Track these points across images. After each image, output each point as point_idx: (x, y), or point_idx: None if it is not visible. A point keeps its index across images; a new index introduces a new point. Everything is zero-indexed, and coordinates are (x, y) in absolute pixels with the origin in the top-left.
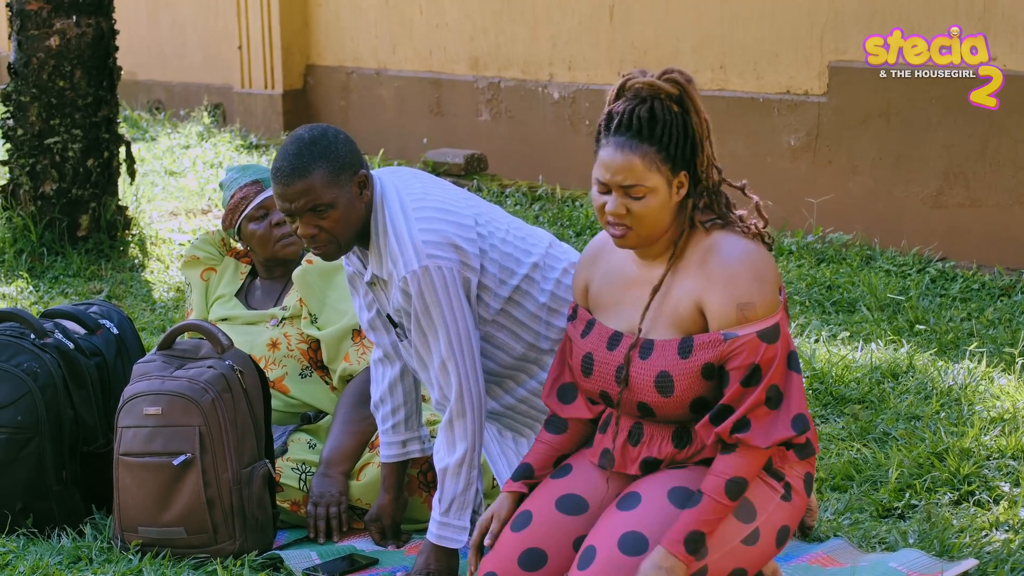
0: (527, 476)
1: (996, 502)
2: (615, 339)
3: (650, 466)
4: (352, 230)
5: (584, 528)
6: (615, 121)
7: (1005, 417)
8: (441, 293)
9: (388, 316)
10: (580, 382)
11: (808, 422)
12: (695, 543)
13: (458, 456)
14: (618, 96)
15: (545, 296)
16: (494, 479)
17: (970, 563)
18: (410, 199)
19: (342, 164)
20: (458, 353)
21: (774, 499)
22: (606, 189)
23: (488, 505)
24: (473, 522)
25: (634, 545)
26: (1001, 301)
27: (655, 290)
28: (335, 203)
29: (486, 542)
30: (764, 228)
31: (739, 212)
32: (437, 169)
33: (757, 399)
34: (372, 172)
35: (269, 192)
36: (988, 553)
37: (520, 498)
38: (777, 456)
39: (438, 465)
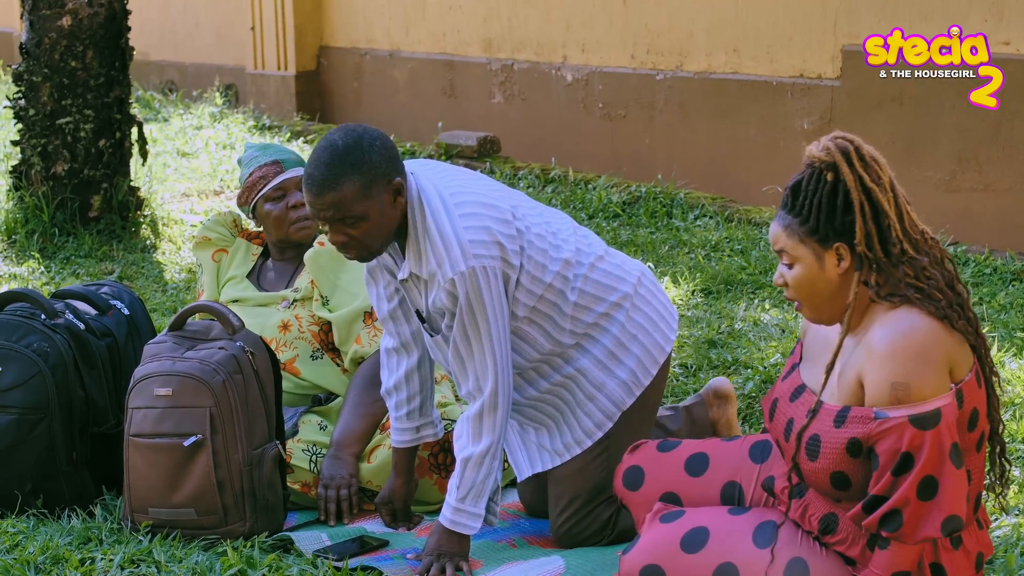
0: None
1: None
2: (799, 391)
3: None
4: (384, 237)
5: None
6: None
7: (1016, 402)
8: (486, 293)
9: (418, 312)
10: (768, 426)
11: (959, 523)
12: None
13: (483, 447)
14: None
15: (575, 295)
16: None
17: None
18: (449, 193)
19: (375, 175)
20: (498, 351)
21: None
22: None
23: (503, 493)
24: (488, 509)
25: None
26: (1013, 286)
27: (830, 363)
28: (366, 215)
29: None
30: (954, 307)
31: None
32: (450, 151)
33: (908, 490)
34: (406, 168)
35: (289, 174)
36: (998, 538)
37: None
38: (930, 548)
39: (460, 454)
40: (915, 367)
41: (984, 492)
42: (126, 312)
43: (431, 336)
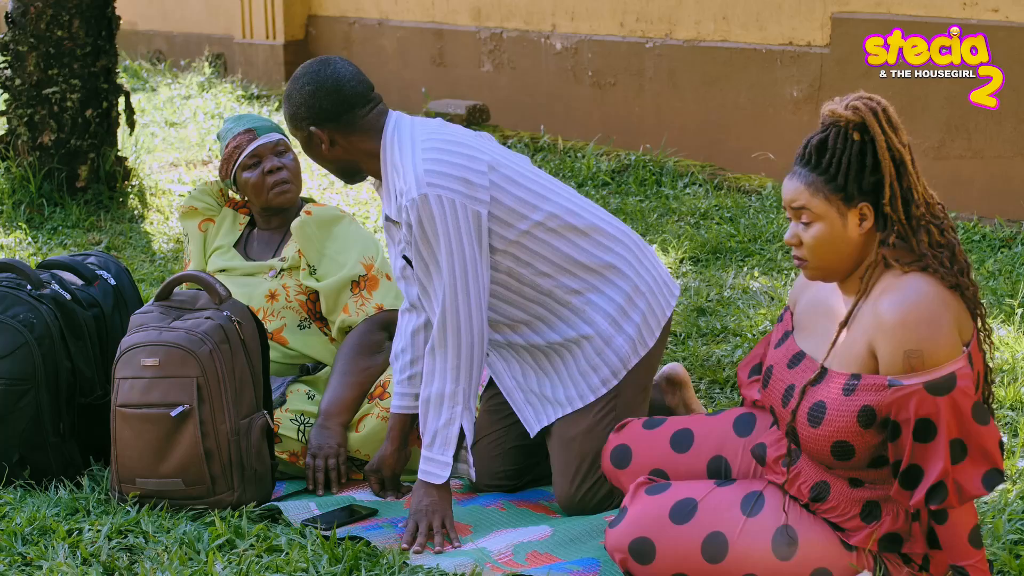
0: None
1: None
2: (797, 358)
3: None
4: (325, 165)
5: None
6: (797, 151)
7: (1004, 368)
8: (439, 222)
9: (404, 256)
10: (763, 391)
11: (1000, 477)
12: None
13: (436, 390)
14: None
15: (567, 246)
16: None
17: None
18: (422, 134)
19: (296, 115)
20: (460, 281)
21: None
22: (789, 217)
23: (473, 449)
24: (458, 458)
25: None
26: (1002, 252)
27: (841, 326)
28: (294, 141)
29: None
30: (964, 275)
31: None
32: None
33: (943, 460)
34: (392, 114)
35: (262, 140)
36: (986, 503)
37: None
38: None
39: (422, 394)
40: (928, 333)
41: None
42: (113, 282)
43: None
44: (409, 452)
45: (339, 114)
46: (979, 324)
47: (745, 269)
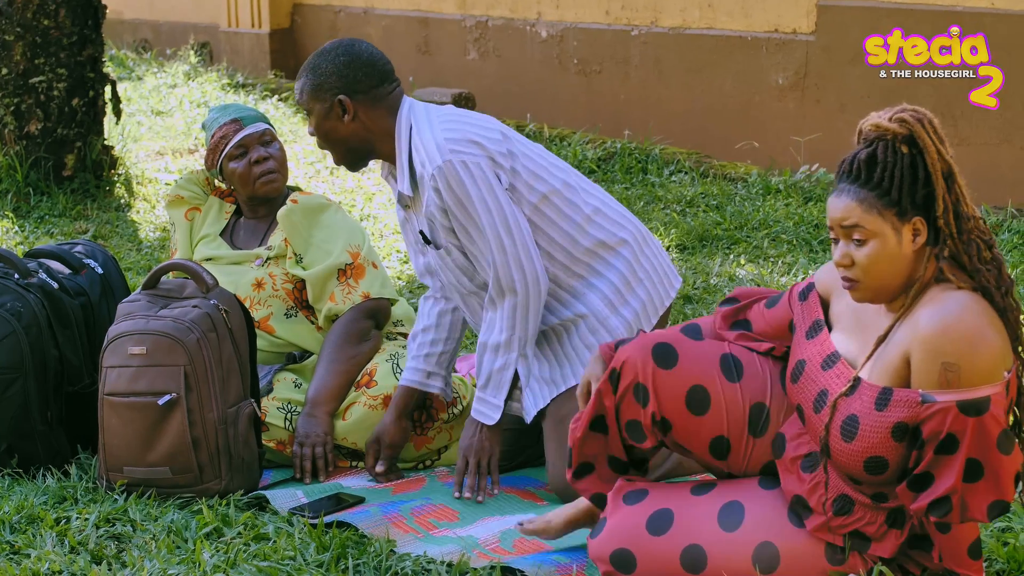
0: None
1: None
2: (832, 360)
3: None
4: (336, 145)
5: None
6: (841, 167)
7: None
8: (470, 185)
9: (421, 232)
10: (788, 385)
11: (1006, 507)
12: None
13: (493, 338)
14: (858, 141)
15: (580, 217)
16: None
17: None
18: (436, 112)
19: (320, 82)
20: (505, 235)
21: None
22: (835, 238)
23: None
24: (512, 397)
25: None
26: None
27: (879, 340)
28: (312, 111)
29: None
30: (1007, 295)
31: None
32: None
33: (955, 478)
34: (406, 98)
35: (249, 130)
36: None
37: None
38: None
39: (480, 339)
40: (968, 348)
41: None
42: (100, 271)
43: (437, 251)
44: (410, 427)
45: (369, 87)
46: (1020, 349)
47: (731, 257)
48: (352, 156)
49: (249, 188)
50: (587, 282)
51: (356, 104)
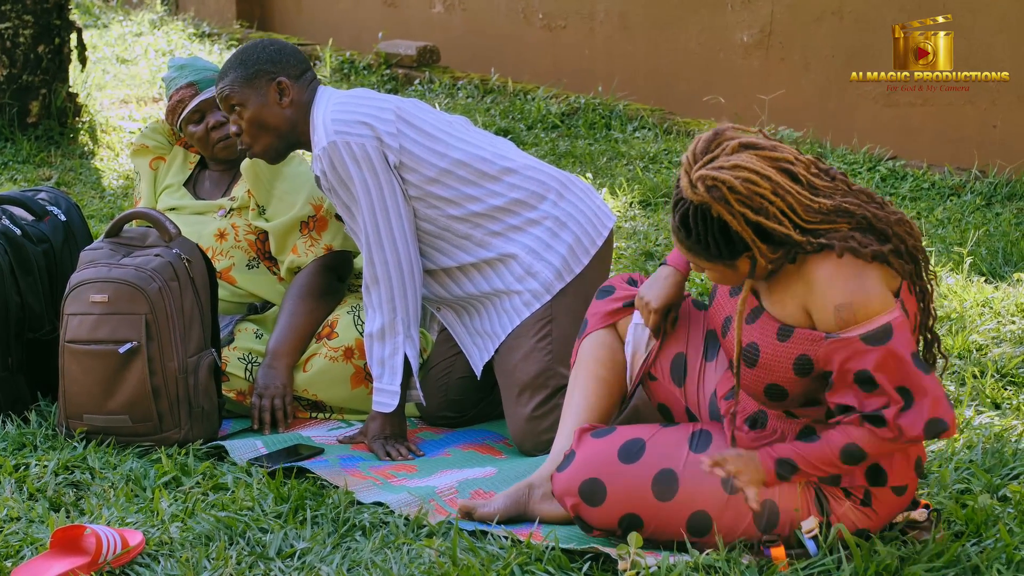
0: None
1: None
2: (739, 288)
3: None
4: (271, 132)
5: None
6: (673, 221)
7: (952, 316)
8: (352, 166)
9: (336, 215)
10: (708, 309)
11: (943, 425)
12: (784, 468)
13: (376, 324)
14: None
15: (487, 180)
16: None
17: None
18: (339, 95)
19: (257, 69)
20: (381, 216)
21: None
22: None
23: (423, 377)
24: (407, 386)
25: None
26: (951, 200)
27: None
28: (246, 103)
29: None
30: (887, 240)
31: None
32: (389, 60)
33: (885, 399)
34: (320, 87)
35: (204, 95)
36: (932, 452)
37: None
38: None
39: (365, 331)
40: (855, 286)
41: None
42: (63, 218)
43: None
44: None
45: (299, 72)
46: (923, 268)
47: None
48: (280, 144)
49: (207, 151)
50: (507, 238)
51: (291, 87)
